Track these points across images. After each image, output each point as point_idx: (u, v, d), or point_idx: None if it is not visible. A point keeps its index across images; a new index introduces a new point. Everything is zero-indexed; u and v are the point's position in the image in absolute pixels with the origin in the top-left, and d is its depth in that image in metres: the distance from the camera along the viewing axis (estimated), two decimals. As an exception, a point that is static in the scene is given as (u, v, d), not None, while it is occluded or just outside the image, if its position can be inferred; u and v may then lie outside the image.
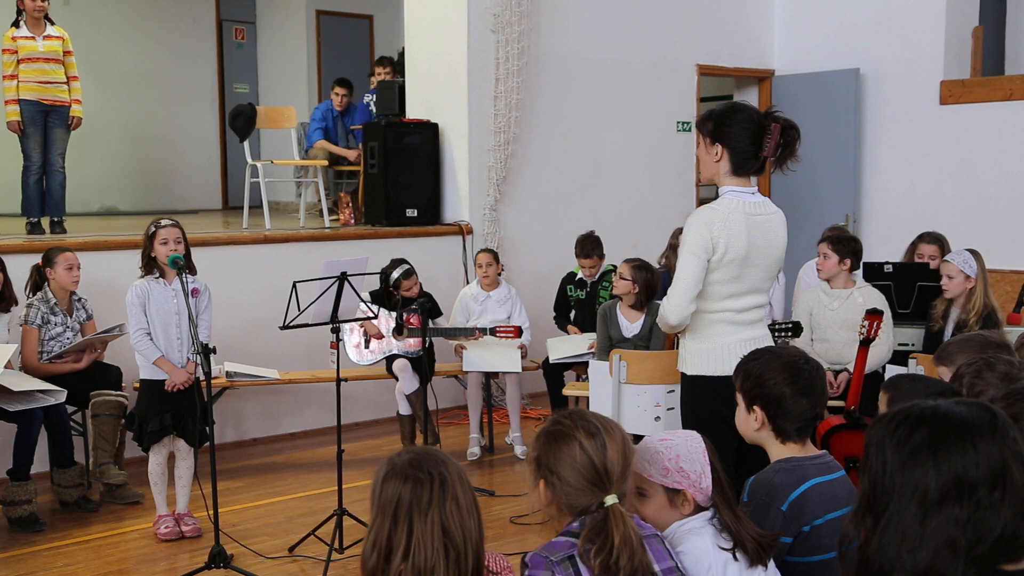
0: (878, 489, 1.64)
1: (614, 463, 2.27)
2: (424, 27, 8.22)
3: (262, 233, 7.27)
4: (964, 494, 1.56)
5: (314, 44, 12.23)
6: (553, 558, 2.21)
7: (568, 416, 2.36)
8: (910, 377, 3.22)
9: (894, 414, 1.68)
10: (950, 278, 5.43)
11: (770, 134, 3.53)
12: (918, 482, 1.59)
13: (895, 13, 8.77)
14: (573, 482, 2.26)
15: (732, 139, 3.57)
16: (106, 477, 5.52)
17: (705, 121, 3.67)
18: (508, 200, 8.07)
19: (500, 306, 6.74)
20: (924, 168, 8.69)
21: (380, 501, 2.10)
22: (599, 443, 2.27)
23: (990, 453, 1.58)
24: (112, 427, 5.57)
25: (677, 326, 3.62)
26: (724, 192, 3.63)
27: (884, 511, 1.62)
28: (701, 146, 3.71)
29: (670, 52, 8.99)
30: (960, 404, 1.67)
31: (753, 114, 3.61)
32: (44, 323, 5.59)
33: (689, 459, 2.48)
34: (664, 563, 2.31)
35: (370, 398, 7.32)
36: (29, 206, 7.18)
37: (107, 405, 5.56)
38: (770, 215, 3.66)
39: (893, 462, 1.63)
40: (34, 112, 7.04)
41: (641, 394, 5.08)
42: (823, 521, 2.58)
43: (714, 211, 3.57)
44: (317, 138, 9.54)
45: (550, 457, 2.30)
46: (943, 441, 1.60)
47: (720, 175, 3.64)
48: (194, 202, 11.80)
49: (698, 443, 2.52)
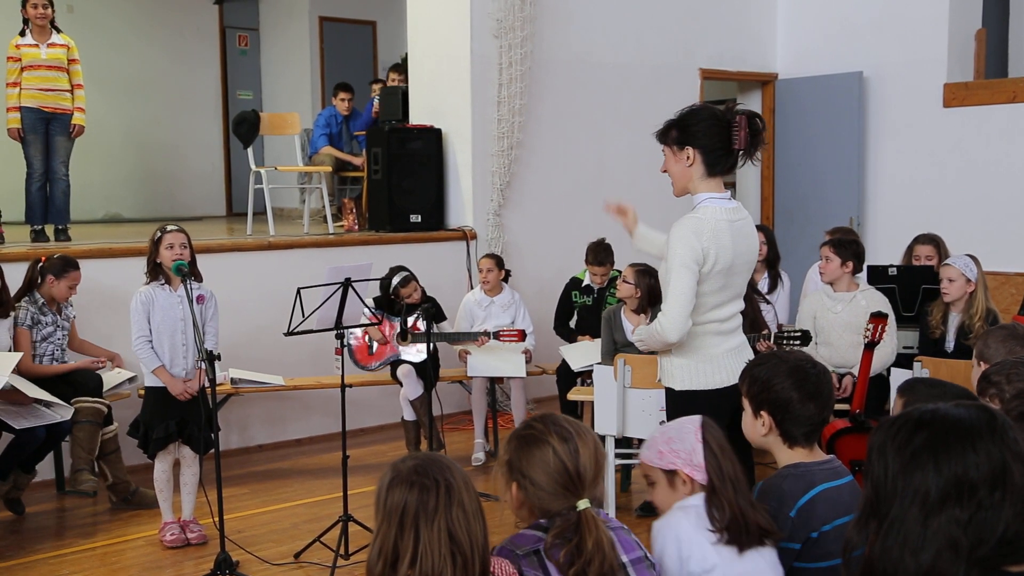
0: (881, 494, 1.66)
1: (586, 468, 2.29)
2: (427, 32, 8.23)
3: (266, 239, 7.28)
4: (965, 495, 1.57)
5: (317, 50, 12.25)
6: (519, 552, 2.24)
7: (541, 420, 2.37)
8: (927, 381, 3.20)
9: (894, 419, 1.70)
10: (951, 281, 5.40)
11: (737, 126, 3.45)
12: (919, 485, 1.60)
13: (898, 16, 8.77)
14: (545, 486, 2.28)
15: (700, 138, 3.49)
16: (78, 484, 5.46)
17: (668, 131, 3.58)
18: (512, 205, 8.07)
19: (504, 311, 6.74)
20: (928, 171, 8.68)
21: (385, 508, 2.09)
22: (571, 448, 2.29)
23: (990, 454, 1.59)
24: (89, 434, 5.52)
25: (677, 343, 3.50)
26: (701, 200, 3.53)
27: (887, 515, 1.62)
28: (669, 158, 3.60)
29: (673, 56, 9.00)
30: (960, 406, 1.68)
31: (715, 111, 3.54)
32: (35, 323, 5.59)
33: (680, 438, 2.55)
34: (632, 553, 2.34)
35: (375, 404, 7.31)
36: (32, 214, 7.20)
37: (86, 412, 5.53)
38: (745, 219, 3.62)
39: (894, 466, 1.64)
40: (35, 120, 7.05)
41: (646, 398, 5.08)
42: (831, 527, 2.57)
43: (700, 221, 3.48)
44: (322, 144, 9.54)
45: (522, 461, 2.32)
46: (943, 443, 1.62)
47: (694, 180, 3.55)
48: (198, 209, 11.81)
49: (692, 423, 2.58)
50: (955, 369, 4.64)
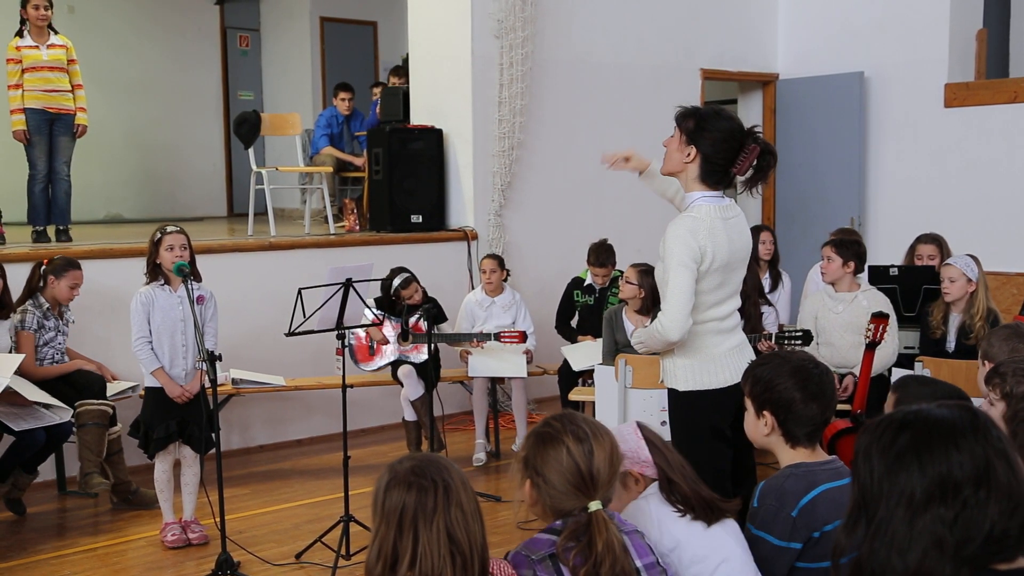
0: (867, 496, 1.67)
1: (600, 469, 2.30)
2: (428, 33, 8.23)
3: (267, 240, 7.28)
4: (949, 494, 1.58)
5: (318, 51, 12.25)
6: (534, 556, 2.25)
7: (559, 419, 2.38)
8: (919, 379, 3.23)
9: (878, 421, 1.72)
10: (952, 281, 5.39)
11: (746, 153, 3.43)
12: (904, 486, 1.61)
13: (899, 16, 8.76)
14: (558, 485, 2.29)
15: (707, 146, 3.46)
16: (89, 487, 5.46)
17: (687, 117, 3.53)
18: (513, 205, 8.07)
19: (505, 312, 6.74)
20: (929, 171, 8.68)
21: (384, 510, 2.09)
22: (586, 448, 2.30)
23: (973, 452, 1.60)
24: (97, 436, 5.50)
25: (678, 342, 3.49)
26: (695, 199, 3.52)
27: (874, 517, 1.63)
28: (674, 139, 3.55)
29: (674, 56, 9.00)
30: (942, 407, 1.69)
31: (736, 127, 3.50)
32: (39, 327, 5.58)
33: (622, 440, 2.59)
34: (645, 559, 2.34)
35: (376, 404, 7.31)
36: (35, 215, 7.19)
37: (92, 415, 5.51)
38: (739, 215, 3.61)
39: (879, 468, 1.65)
40: (40, 121, 7.06)
41: (647, 398, 5.07)
42: (833, 527, 2.57)
43: (696, 220, 3.46)
44: (323, 144, 9.55)
45: (537, 458, 2.33)
46: (926, 443, 1.63)
47: (687, 179, 3.54)
48: (199, 209, 11.81)
49: (628, 427, 2.71)
50: (956, 369, 4.64)
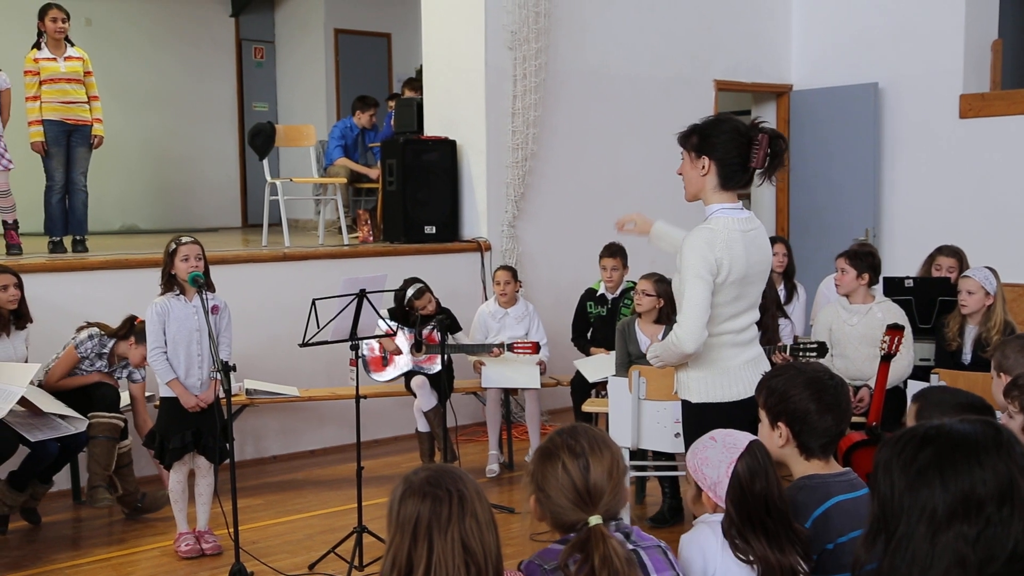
0: (887, 511, 1.64)
1: (598, 484, 2.29)
2: (442, 45, 8.26)
3: (281, 251, 7.30)
4: (972, 511, 1.56)
5: (332, 63, 12.32)
6: (547, 566, 2.26)
7: (560, 434, 2.39)
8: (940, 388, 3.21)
9: (900, 435, 1.69)
10: (970, 293, 5.36)
11: (758, 144, 3.43)
12: (926, 502, 1.59)
13: (913, 26, 8.74)
14: (557, 500, 2.30)
15: (719, 150, 3.47)
16: (95, 501, 5.46)
17: (689, 136, 3.56)
18: (526, 216, 8.08)
19: (518, 323, 6.74)
20: (944, 182, 8.64)
21: (398, 520, 2.09)
22: (582, 464, 2.29)
23: (996, 469, 1.58)
24: (106, 450, 5.49)
25: (694, 354, 3.48)
26: (714, 211, 3.52)
27: (895, 532, 1.61)
28: (686, 162, 3.58)
29: (687, 68, 9.00)
30: (964, 422, 1.66)
31: (739, 125, 3.52)
32: (85, 358, 5.58)
33: (713, 465, 2.54)
34: (663, 573, 2.35)
35: (389, 415, 7.32)
36: (52, 225, 7.25)
37: (103, 427, 5.50)
38: (758, 228, 3.61)
39: (900, 483, 1.63)
40: (58, 132, 7.12)
41: (661, 410, 5.06)
42: (847, 539, 2.56)
43: (713, 232, 3.46)
44: (337, 156, 9.58)
45: (539, 474, 2.35)
46: (949, 460, 1.60)
47: (707, 191, 3.54)
48: (214, 220, 11.87)
49: (731, 453, 2.53)
50: (972, 381, 4.61)
